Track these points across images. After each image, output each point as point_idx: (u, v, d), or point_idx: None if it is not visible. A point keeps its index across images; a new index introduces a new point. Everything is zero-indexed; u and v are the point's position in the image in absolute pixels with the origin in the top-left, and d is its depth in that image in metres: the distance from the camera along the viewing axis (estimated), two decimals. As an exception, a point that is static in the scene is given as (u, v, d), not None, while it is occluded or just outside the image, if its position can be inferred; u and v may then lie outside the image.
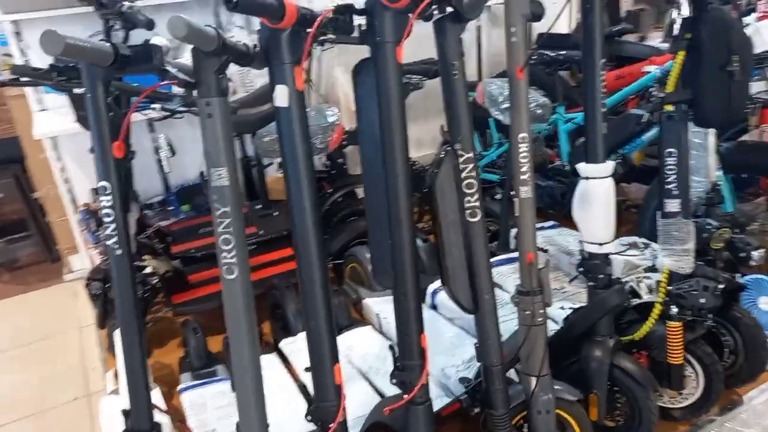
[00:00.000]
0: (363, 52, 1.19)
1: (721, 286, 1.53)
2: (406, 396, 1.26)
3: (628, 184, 3.01)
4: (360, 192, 2.82)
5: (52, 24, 2.61)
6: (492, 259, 2.23)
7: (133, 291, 1.07)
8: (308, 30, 1.07)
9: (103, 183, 1.03)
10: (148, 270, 2.13)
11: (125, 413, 1.12)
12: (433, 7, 1.19)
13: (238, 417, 1.12)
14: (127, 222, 1.07)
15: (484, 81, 2.34)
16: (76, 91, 1.52)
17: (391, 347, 1.29)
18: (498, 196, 2.59)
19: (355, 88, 1.24)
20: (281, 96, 1.11)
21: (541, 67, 2.99)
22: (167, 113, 1.79)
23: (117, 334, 1.91)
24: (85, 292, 2.23)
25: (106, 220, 1.04)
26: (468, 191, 1.31)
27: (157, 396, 1.68)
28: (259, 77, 2.73)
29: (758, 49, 2.10)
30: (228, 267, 1.07)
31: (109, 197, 1.03)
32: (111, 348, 2.18)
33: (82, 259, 3.02)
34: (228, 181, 1.06)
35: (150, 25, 1.96)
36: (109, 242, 1.05)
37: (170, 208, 2.90)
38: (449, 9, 1.22)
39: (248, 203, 2.91)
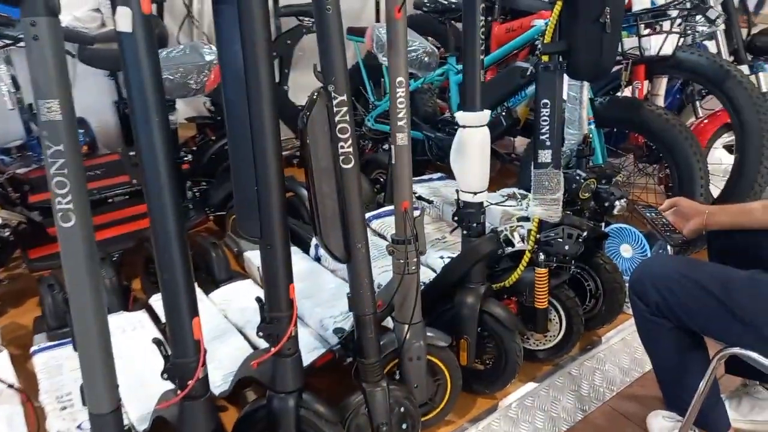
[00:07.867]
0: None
1: (584, 234, 1.60)
2: (273, 349, 1.22)
3: (514, 138, 3.09)
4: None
5: None
6: (378, 210, 2.23)
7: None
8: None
9: None
10: (-3, 222, 1.90)
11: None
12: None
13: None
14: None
15: (373, 25, 2.27)
16: None
17: (258, 299, 1.23)
18: (387, 147, 2.56)
19: (215, 17, 1.12)
20: (124, 19, 0.98)
21: (434, 16, 2.95)
22: (9, 41, 1.56)
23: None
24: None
25: None
26: (342, 136, 1.25)
27: (4, 360, 1.53)
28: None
29: (636, 6, 2.19)
30: (64, 214, 0.95)
31: None
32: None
33: None
34: (61, 115, 0.93)
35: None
36: None
37: (31, 154, 2.61)
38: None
39: (123, 149, 2.70)
